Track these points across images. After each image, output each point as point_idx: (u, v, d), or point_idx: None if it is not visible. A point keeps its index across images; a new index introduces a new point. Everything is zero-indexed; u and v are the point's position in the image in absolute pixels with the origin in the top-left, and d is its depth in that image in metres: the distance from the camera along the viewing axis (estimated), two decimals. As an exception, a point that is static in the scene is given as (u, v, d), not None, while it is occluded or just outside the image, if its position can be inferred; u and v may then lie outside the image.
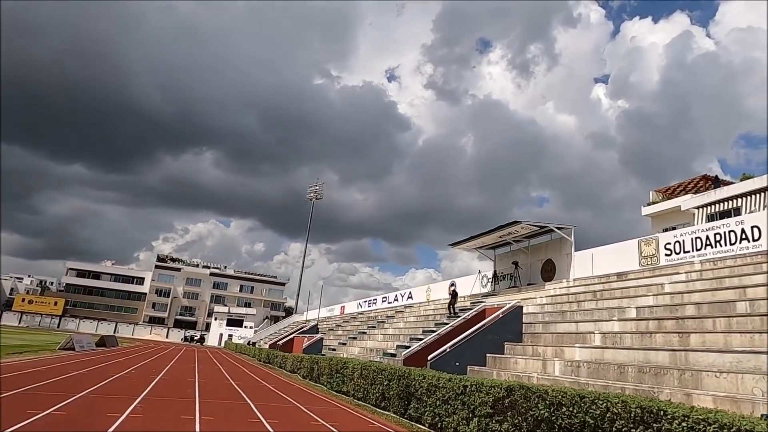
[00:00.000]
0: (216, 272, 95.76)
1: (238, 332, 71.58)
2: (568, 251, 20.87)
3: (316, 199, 73.54)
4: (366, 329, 31.04)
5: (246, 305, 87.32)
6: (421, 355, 15.33)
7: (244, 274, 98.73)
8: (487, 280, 26.35)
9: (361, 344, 27.00)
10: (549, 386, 6.02)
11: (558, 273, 21.27)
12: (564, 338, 13.19)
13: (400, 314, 31.11)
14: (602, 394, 5.12)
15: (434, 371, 9.39)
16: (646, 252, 17.15)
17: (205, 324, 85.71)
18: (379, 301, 41.67)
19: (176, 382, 14.19)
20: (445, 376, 8.39)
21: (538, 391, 5.80)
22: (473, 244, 24.52)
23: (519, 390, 6.07)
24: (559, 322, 14.70)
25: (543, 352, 12.87)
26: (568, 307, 16.05)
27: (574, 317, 14.73)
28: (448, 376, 8.25)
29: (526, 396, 5.92)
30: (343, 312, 50.48)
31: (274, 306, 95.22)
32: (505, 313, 14.95)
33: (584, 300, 15.88)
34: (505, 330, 14.81)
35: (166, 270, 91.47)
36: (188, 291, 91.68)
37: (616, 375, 9.76)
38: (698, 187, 35.72)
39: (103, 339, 31.51)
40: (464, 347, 14.19)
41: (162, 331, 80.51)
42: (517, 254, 24.13)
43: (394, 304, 37.32)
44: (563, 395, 5.36)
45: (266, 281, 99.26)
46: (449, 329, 16.17)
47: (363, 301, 46.11)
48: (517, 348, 14.07)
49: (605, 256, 19.09)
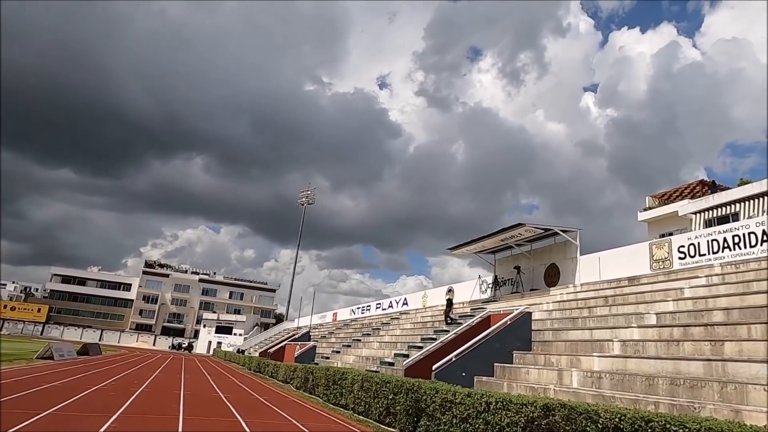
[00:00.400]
0: (205, 278, 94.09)
1: (228, 340, 70.02)
2: (574, 255, 20.06)
3: (308, 204, 72.51)
4: (360, 337, 29.98)
5: (236, 312, 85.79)
6: (424, 365, 14.37)
7: (233, 281, 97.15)
8: (486, 286, 25.47)
9: (355, 352, 25.96)
10: (598, 405, 5.10)
11: (562, 278, 20.44)
12: (578, 346, 12.30)
13: (396, 321, 30.09)
14: (674, 418, 4.21)
15: (448, 384, 8.44)
16: (658, 255, 16.37)
17: (193, 331, 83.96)
18: (372, 307, 40.63)
19: (159, 394, 13.10)
20: (462, 390, 7.45)
21: (586, 411, 4.88)
22: (473, 248, 23.65)
23: (560, 410, 5.15)
24: (571, 329, 13.83)
25: (557, 362, 11.97)
26: (578, 313, 15.18)
27: (586, 324, 13.87)
28: (466, 391, 7.31)
29: (569, 417, 5.00)
30: (335, 319, 49.33)
31: (265, 313, 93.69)
32: (513, 319, 14.04)
33: (595, 306, 15.02)
34: (513, 338, 13.90)
35: (153, 276, 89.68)
36: (176, 297, 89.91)
37: (644, 387, 8.87)
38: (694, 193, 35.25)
39: (86, 347, 30.15)
40: (470, 356, 13.25)
41: (149, 339, 78.66)
42: (518, 258, 23.29)
43: (389, 311, 36.30)
44: (621, 417, 4.45)
45: (256, 288, 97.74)
46: (453, 337, 15.23)
47: (356, 308, 45.03)
48: (528, 357, 13.16)
49: (613, 260, 18.30)
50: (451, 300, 22.18)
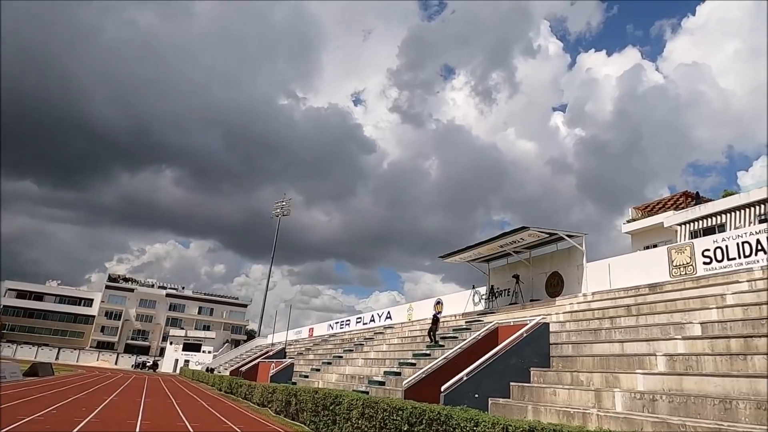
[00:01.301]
0: (173, 293, 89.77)
1: (196, 357, 66.32)
2: (579, 262, 18.55)
3: (283, 215, 70.07)
4: (342, 353, 27.81)
5: (205, 328, 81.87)
6: (428, 385, 12.45)
7: (203, 296, 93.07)
8: (480, 297, 23.74)
9: (338, 370, 23.79)
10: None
11: (567, 287, 18.89)
12: (611, 362, 10.60)
13: (381, 336, 28.05)
14: None
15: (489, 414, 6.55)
16: (679, 260, 14.94)
17: (159, 349, 79.58)
18: (353, 322, 38.44)
19: (110, 426, 10.78)
20: (518, 422, 5.56)
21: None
22: (467, 255, 21.94)
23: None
24: (594, 342, 12.14)
25: (587, 380, 10.22)
26: (598, 324, 13.54)
27: (612, 336, 12.21)
28: (527, 425, 5.43)
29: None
30: (311, 334, 46.84)
31: (236, 329, 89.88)
32: (529, 332, 12.28)
33: (617, 316, 13.41)
34: (530, 353, 12.14)
35: (117, 291, 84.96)
36: (142, 313, 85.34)
37: (719, 412, 7.16)
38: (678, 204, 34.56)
39: (35, 367, 27.07)
40: (483, 375, 11.41)
41: (111, 357, 74.09)
42: (516, 267, 21.68)
43: (371, 326, 34.21)
44: None
45: (227, 303, 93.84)
46: (458, 352, 13.35)
47: (334, 323, 42.73)
48: (549, 375, 11.38)
49: (625, 266, 16.87)
50: (437, 317, 20.28)
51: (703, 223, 28.91)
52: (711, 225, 28.48)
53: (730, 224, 27.71)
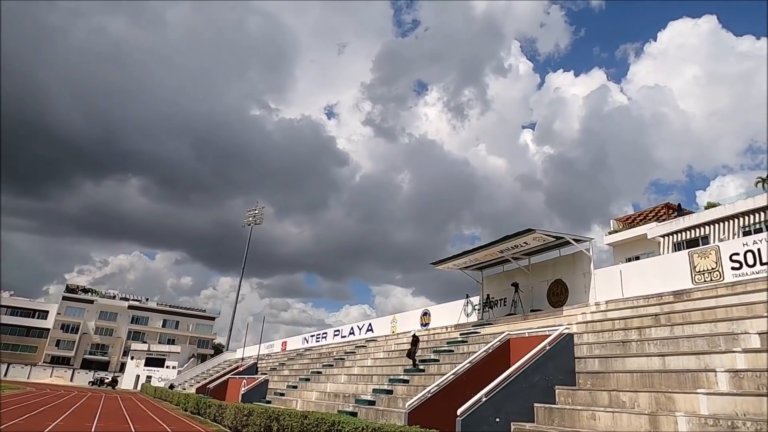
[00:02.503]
0: (135, 305, 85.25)
1: (159, 373, 62.62)
2: (587, 269, 17.19)
3: (255, 224, 67.38)
4: (320, 368, 25.73)
5: (169, 342, 77.86)
6: (438, 406, 10.72)
7: (168, 308, 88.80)
8: (472, 308, 22.15)
9: (318, 387, 21.73)
10: None
11: (572, 296, 17.49)
12: (655, 379, 9.08)
13: (363, 350, 26.12)
14: None
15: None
16: (702, 266, 13.68)
17: (119, 364, 75.11)
18: (330, 335, 36.30)
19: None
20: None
21: None
22: (461, 261, 20.35)
23: None
24: (626, 356, 10.65)
25: (632, 402, 8.66)
26: (623, 335, 12.06)
27: (645, 349, 10.74)
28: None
29: None
30: (285, 348, 44.36)
31: (202, 343, 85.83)
32: (552, 344, 10.68)
33: (644, 326, 11.98)
34: (554, 369, 10.53)
35: (75, 302, 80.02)
36: (101, 326, 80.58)
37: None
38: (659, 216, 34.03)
39: (-27, 386, 23.99)
40: (504, 395, 9.71)
41: (66, 374, 69.37)
42: (513, 275, 20.20)
43: (351, 339, 32.19)
44: None
45: (194, 315, 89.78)
46: (467, 368, 11.64)
47: (309, 336, 40.48)
48: (580, 395, 9.77)
49: (639, 273, 15.59)
50: (417, 337, 18.28)
51: (687, 234, 28.29)
52: (695, 237, 27.86)
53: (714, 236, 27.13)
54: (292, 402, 20.80)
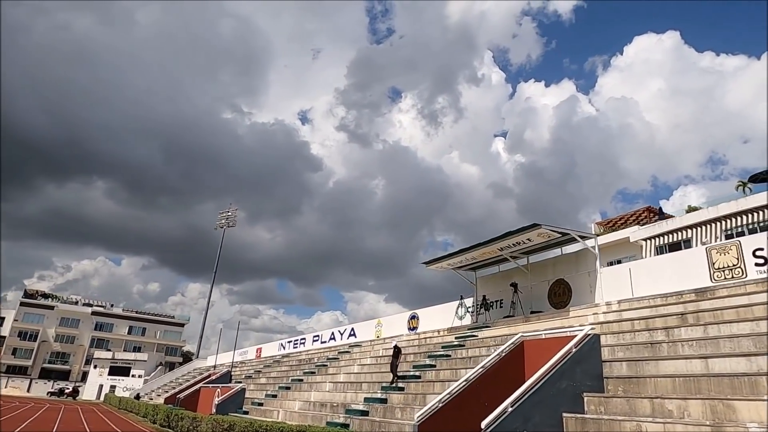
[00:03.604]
0: (99, 311, 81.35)
1: (124, 382, 59.46)
2: (592, 267, 16.30)
3: (228, 226, 65.05)
4: (302, 376, 24.18)
5: (136, 350, 74.45)
6: (452, 417, 9.51)
7: (134, 314, 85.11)
8: (465, 310, 21.02)
9: (301, 396, 20.19)
10: None
11: (576, 296, 16.55)
12: (702, 384, 8.06)
13: (347, 356, 24.68)
14: None
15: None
16: (722, 262, 12.87)
17: (81, 373, 71.32)
18: (309, 340, 34.67)
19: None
20: None
21: None
22: (456, 261, 19.21)
23: None
24: (660, 359, 9.63)
25: (681, 410, 7.59)
26: (647, 336, 11.08)
27: (678, 350, 9.74)
28: None
29: None
30: (259, 355, 42.44)
31: (170, 350, 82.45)
32: (578, 346, 9.58)
33: (670, 327, 11.00)
34: (581, 374, 9.41)
35: (34, 308, 75.75)
36: (62, 333, 76.46)
37: None
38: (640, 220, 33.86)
39: None
40: (530, 404, 8.54)
41: (23, 384, 65.41)
42: (510, 275, 19.20)
43: (332, 344, 30.68)
44: None
45: (162, 322, 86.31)
46: (480, 374, 10.42)
47: (286, 342, 38.72)
48: (615, 403, 8.65)
49: (650, 271, 14.73)
50: (399, 348, 16.54)
51: (670, 238, 28.01)
52: (677, 240, 27.60)
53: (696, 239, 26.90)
54: (272, 413, 19.22)
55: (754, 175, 36.05)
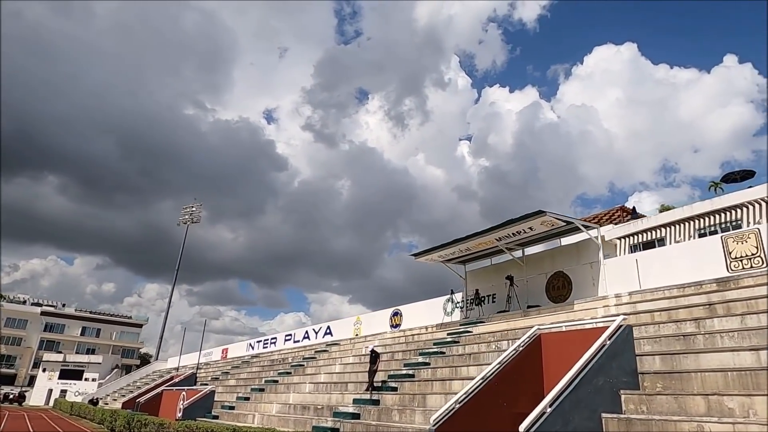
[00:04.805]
0: (50, 311, 76.63)
1: (76, 386, 55.86)
2: (594, 259, 15.49)
3: (192, 222, 62.25)
4: (276, 377, 22.60)
5: (89, 352, 70.38)
6: (475, 419, 8.35)
7: (88, 314, 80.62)
8: (453, 305, 19.96)
9: (278, 398, 18.65)
10: None
11: (577, 290, 15.72)
12: (761, 378, 7.15)
13: (326, 354, 23.23)
14: None
15: None
16: (739, 251, 12.21)
17: (28, 377, 66.81)
18: (280, 340, 32.94)
19: None
20: None
21: None
22: (448, 252, 18.09)
23: None
24: (698, 352, 8.71)
25: (744, 408, 6.66)
26: (675, 329, 10.20)
27: (717, 343, 8.88)
28: None
29: None
30: (226, 356, 40.33)
31: (127, 353, 78.54)
32: (612, 338, 8.57)
33: (697, 318, 10.16)
34: (617, 369, 8.40)
35: (-24, 308, 70.65)
36: (8, 335, 71.42)
37: None
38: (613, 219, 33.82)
39: None
40: (569, 403, 7.45)
41: (-38, 390, 60.49)
42: (504, 267, 18.26)
43: (306, 343, 29.12)
44: None
45: (118, 322, 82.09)
46: (497, 371, 9.28)
47: (255, 341, 36.83)
48: (659, 401, 7.66)
49: (660, 262, 14.02)
50: (376, 353, 14.95)
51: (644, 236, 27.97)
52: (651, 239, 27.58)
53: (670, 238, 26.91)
54: (246, 417, 17.62)
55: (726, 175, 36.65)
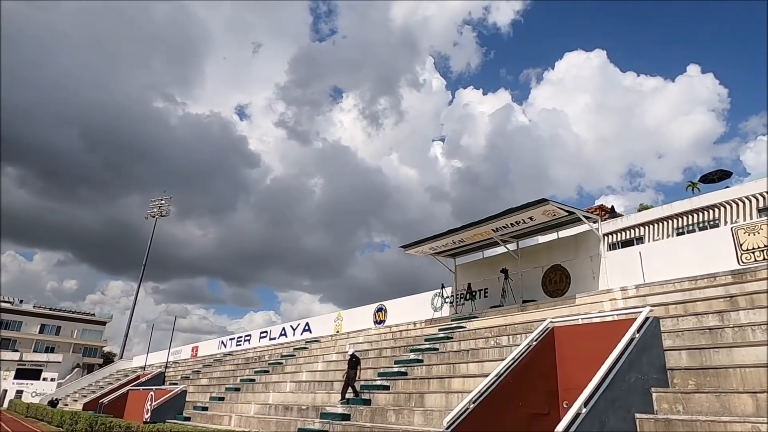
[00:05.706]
0: (6, 308, 72.64)
1: (34, 386, 52.95)
2: (594, 251, 14.87)
3: (161, 215, 59.98)
4: (252, 375, 21.35)
5: (48, 351, 67.00)
6: (494, 420, 7.48)
7: (47, 311, 76.87)
8: (443, 301, 19.13)
9: (255, 398, 17.45)
10: None
11: (575, 283, 15.08)
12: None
13: (306, 352, 22.10)
14: None
15: None
16: (752, 243, 11.73)
17: (-20, 377, 63.07)
18: (255, 337, 31.56)
19: None
20: None
21: None
22: (439, 244, 17.25)
23: None
24: (730, 346, 8.07)
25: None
26: (696, 322, 9.57)
27: (747, 337, 8.26)
28: None
29: None
30: (196, 354, 38.60)
31: (89, 351, 75.12)
32: (640, 331, 7.83)
33: (717, 311, 9.54)
34: (647, 365, 7.69)
35: (-75, 304, 66.44)
36: (-42, 332, 67.50)
37: None
38: None
39: None
40: (604, 402, 6.65)
41: None
42: (497, 261, 17.53)
43: (283, 340, 27.89)
44: None
45: (79, 320, 78.49)
46: (510, 366, 8.44)
47: (228, 339, 35.31)
48: (697, 399, 6.95)
49: (665, 254, 13.49)
50: (356, 358, 13.53)
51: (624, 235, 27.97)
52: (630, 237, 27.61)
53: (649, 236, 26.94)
54: (222, 418, 16.38)
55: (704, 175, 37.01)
